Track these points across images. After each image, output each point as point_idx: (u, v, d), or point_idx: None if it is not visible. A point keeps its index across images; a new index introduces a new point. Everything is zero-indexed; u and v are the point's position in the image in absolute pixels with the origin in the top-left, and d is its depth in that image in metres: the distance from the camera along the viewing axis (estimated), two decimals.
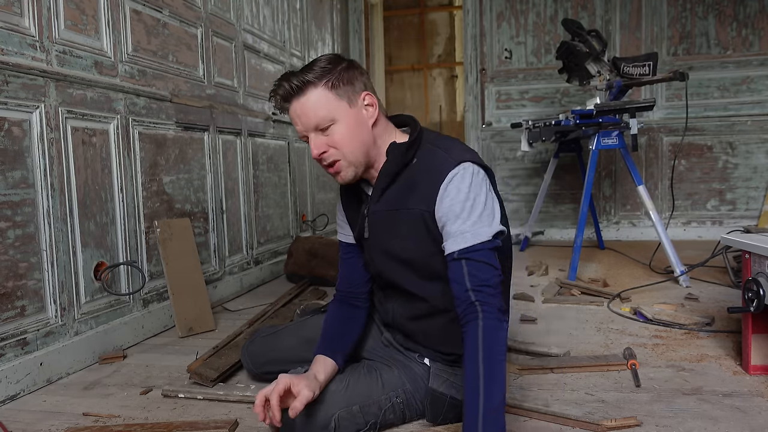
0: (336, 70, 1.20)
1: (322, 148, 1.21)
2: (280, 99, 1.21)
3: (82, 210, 1.86)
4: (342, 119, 1.20)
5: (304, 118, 1.20)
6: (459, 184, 1.16)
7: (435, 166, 1.20)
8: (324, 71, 1.19)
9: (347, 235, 1.43)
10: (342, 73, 1.21)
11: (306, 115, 1.19)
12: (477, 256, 1.13)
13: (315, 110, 1.19)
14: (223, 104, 2.74)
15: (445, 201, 1.17)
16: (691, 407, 1.40)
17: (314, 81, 1.18)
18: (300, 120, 1.21)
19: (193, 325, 2.19)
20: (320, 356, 1.30)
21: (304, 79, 1.18)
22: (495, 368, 1.05)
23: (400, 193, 1.25)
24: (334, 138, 1.20)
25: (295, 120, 1.22)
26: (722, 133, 4.28)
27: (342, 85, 1.20)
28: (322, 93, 1.19)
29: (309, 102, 1.19)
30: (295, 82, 1.18)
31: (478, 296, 1.11)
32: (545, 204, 4.45)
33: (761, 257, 1.51)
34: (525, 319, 2.20)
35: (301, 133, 1.24)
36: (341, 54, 1.26)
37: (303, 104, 1.19)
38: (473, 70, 4.63)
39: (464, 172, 1.17)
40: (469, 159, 1.20)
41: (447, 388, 1.29)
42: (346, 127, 1.20)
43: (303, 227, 3.72)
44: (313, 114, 1.19)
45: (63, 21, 1.80)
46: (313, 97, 1.18)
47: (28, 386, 1.62)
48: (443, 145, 1.24)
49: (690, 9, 4.26)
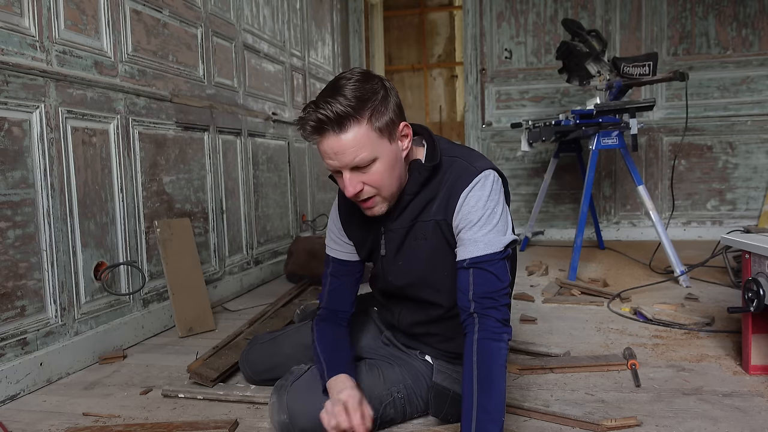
0: (377, 100, 1.09)
1: (358, 187, 1.12)
2: (311, 130, 1.09)
3: (82, 210, 1.86)
4: (383, 157, 1.11)
5: (342, 156, 1.08)
6: (479, 191, 1.15)
7: (455, 176, 1.18)
8: (363, 102, 1.07)
9: (343, 252, 1.37)
10: (381, 103, 1.10)
11: (345, 153, 1.08)
12: (486, 266, 1.12)
13: (357, 149, 1.07)
14: (223, 104, 2.74)
15: (464, 208, 1.16)
16: (691, 407, 1.40)
17: (356, 116, 1.07)
18: (336, 157, 1.09)
19: (193, 325, 2.19)
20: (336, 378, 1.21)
21: (345, 111, 1.05)
22: (488, 382, 1.05)
23: (418, 207, 1.23)
24: (372, 177, 1.12)
25: (328, 155, 1.10)
26: (722, 133, 4.28)
27: (383, 117, 1.10)
28: (365, 131, 1.08)
29: (350, 140, 1.07)
30: (332, 114, 1.05)
31: (477, 307, 1.11)
32: (545, 204, 4.45)
33: (761, 257, 1.51)
34: (525, 319, 2.20)
35: (334, 168, 1.12)
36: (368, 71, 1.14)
37: (343, 141, 1.07)
38: (473, 70, 4.63)
39: (485, 180, 1.16)
40: (490, 166, 1.19)
41: (450, 383, 1.30)
42: (386, 165, 1.12)
43: (303, 227, 3.72)
44: (354, 153, 1.08)
45: (63, 21, 1.80)
46: (356, 134, 1.07)
47: (28, 386, 1.62)
48: (460, 154, 1.22)
49: (690, 9, 4.26)
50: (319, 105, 1.07)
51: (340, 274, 1.37)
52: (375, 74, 1.15)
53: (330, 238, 1.39)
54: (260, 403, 1.49)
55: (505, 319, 1.12)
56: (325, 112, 1.06)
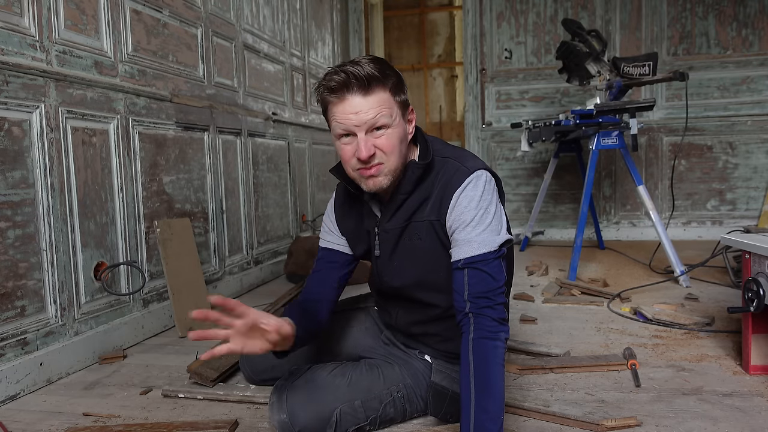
0: (395, 77, 1.17)
1: (372, 150, 1.14)
2: (336, 85, 1.12)
3: (82, 210, 1.86)
4: (396, 127, 1.16)
5: (363, 115, 1.12)
6: (471, 192, 1.16)
7: (448, 177, 1.20)
8: (388, 75, 1.15)
9: (333, 243, 1.39)
10: (399, 81, 1.18)
11: (368, 111, 1.12)
12: (480, 266, 1.13)
13: (379, 109, 1.13)
14: (223, 104, 2.74)
15: (456, 209, 1.17)
16: (691, 407, 1.40)
17: (383, 81, 1.13)
18: (357, 116, 1.12)
19: (193, 325, 2.19)
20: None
21: (373, 74, 1.12)
22: (485, 381, 1.05)
23: (411, 208, 1.24)
24: (385, 141, 1.15)
25: (346, 115, 1.13)
26: (722, 133, 4.28)
27: (402, 94, 1.18)
28: (388, 96, 1.15)
29: (375, 100, 1.13)
30: (362, 74, 1.11)
31: (472, 307, 1.12)
32: (545, 204, 4.45)
33: (761, 257, 1.51)
34: (525, 319, 2.20)
35: (347, 130, 1.15)
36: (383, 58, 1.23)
37: (368, 99, 1.12)
38: (473, 70, 4.63)
39: (477, 180, 1.17)
40: (482, 167, 1.20)
41: (449, 383, 1.30)
42: (396, 135, 1.17)
43: (303, 227, 3.72)
44: (376, 112, 1.13)
45: (63, 21, 1.80)
46: (380, 97, 1.13)
47: (28, 386, 1.62)
48: (452, 154, 1.24)
49: (690, 9, 4.26)
50: (347, 66, 1.12)
51: (326, 262, 1.39)
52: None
53: (324, 229, 1.43)
54: (260, 403, 1.49)
55: (501, 318, 1.12)
56: (355, 71, 1.11)
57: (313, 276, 1.40)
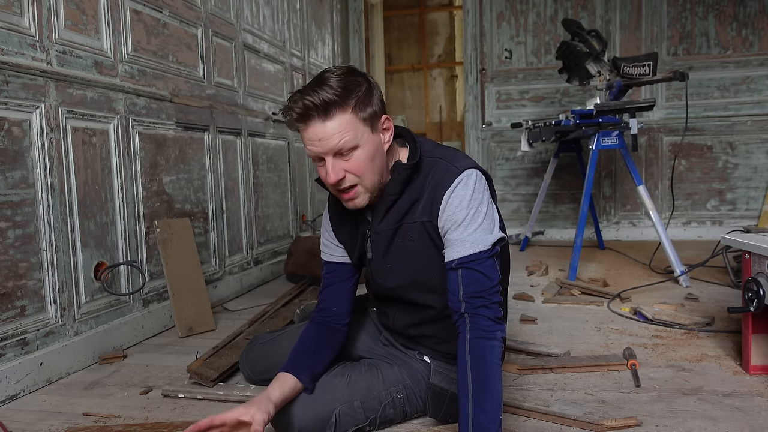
0: (361, 91, 1.13)
1: (340, 174, 1.14)
2: (296, 117, 1.11)
3: (82, 210, 1.86)
4: (365, 145, 1.14)
5: (326, 142, 1.11)
6: (462, 191, 1.16)
7: (438, 177, 1.19)
8: (348, 92, 1.11)
9: (335, 255, 1.39)
10: (366, 95, 1.14)
11: (329, 138, 1.10)
12: (474, 265, 1.13)
13: (341, 134, 1.10)
14: (223, 104, 2.74)
15: (448, 209, 1.16)
16: (691, 407, 1.40)
17: (342, 104, 1.10)
18: (320, 143, 1.12)
19: (193, 325, 2.19)
20: (282, 374, 1.22)
21: (331, 99, 1.09)
22: (483, 381, 1.05)
23: (402, 209, 1.23)
24: (354, 164, 1.14)
25: (312, 141, 1.13)
26: (722, 133, 4.28)
27: (367, 108, 1.14)
28: (350, 117, 1.11)
29: (335, 125, 1.10)
30: (318, 101, 1.08)
31: (468, 307, 1.12)
32: (545, 204, 4.45)
33: (761, 257, 1.51)
34: (525, 319, 2.20)
35: (316, 155, 1.15)
36: (352, 66, 1.19)
37: (327, 127, 1.10)
38: (473, 70, 4.63)
39: (467, 180, 1.17)
40: (472, 166, 1.20)
41: (448, 384, 1.30)
42: (367, 153, 1.14)
43: (303, 227, 3.72)
44: (338, 138, 1.10)
45: (63, 21, 1.80)
46: (340, 121, 1.10)
47: (28, 386, 1.62)
48: (442, 155, 1.23)
49: (690, 9, 4.26)
50: (306, 93, 1.11)
51: (334, 277, 1.38)
52: (359, 70, 1.19)
53: (323, 243, 1.41)
54: None
55: (497, 317, 1.12)
56: (312, 99, 1.09)
57: (324, 292, 1.38)
